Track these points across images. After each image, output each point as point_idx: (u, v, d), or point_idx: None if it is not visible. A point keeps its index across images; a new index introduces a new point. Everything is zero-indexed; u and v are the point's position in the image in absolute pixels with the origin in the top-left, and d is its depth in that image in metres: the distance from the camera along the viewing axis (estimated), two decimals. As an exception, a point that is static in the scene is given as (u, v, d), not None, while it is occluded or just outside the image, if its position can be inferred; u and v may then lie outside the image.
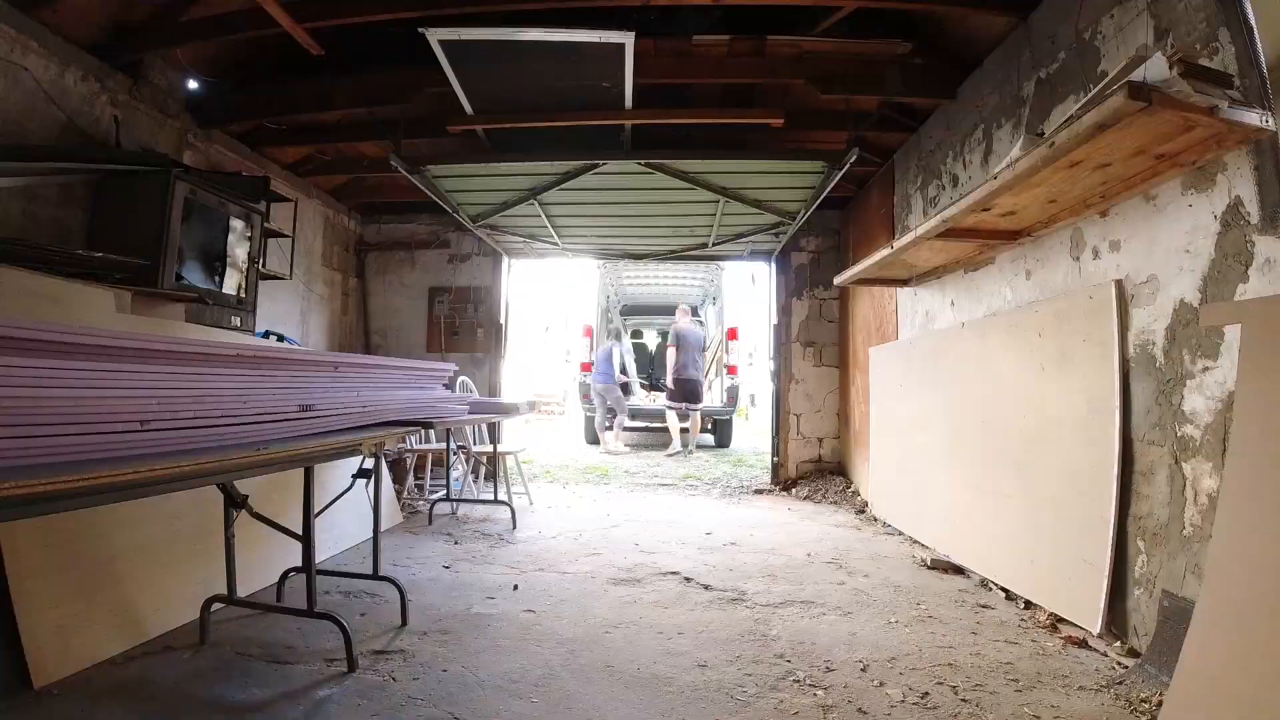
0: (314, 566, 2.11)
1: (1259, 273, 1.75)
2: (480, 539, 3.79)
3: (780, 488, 5.69)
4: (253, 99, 4.07)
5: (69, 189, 3.16)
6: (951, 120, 3.65)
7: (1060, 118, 2.41)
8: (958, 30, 3.32)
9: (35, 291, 2.38)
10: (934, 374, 3.66)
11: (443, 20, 2.99)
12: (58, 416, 1.28)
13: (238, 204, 3.74)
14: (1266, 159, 1.75)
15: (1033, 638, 2.33)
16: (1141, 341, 2.19)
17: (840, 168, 3.81)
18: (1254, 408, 1.50)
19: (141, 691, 1.83)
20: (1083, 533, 2.34)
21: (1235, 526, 1.48)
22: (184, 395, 1.61)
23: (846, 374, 5.67)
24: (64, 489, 1.16)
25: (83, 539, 2.07)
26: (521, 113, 3.86)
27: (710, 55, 3.58)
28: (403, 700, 1.84)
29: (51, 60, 3.04)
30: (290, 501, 2.53)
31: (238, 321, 3.79)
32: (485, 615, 2.54)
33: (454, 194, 4.63)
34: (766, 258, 6.09)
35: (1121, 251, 2.30)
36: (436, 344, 6.16)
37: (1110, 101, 1.66)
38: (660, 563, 3.31)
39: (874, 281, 4.28)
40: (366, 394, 2.47)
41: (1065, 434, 2.50)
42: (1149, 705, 1.79)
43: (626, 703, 1.86)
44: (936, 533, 3.50)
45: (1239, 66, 1.80)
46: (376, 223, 6.31)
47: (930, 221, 2.75)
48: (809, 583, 3.00)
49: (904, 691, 1.92)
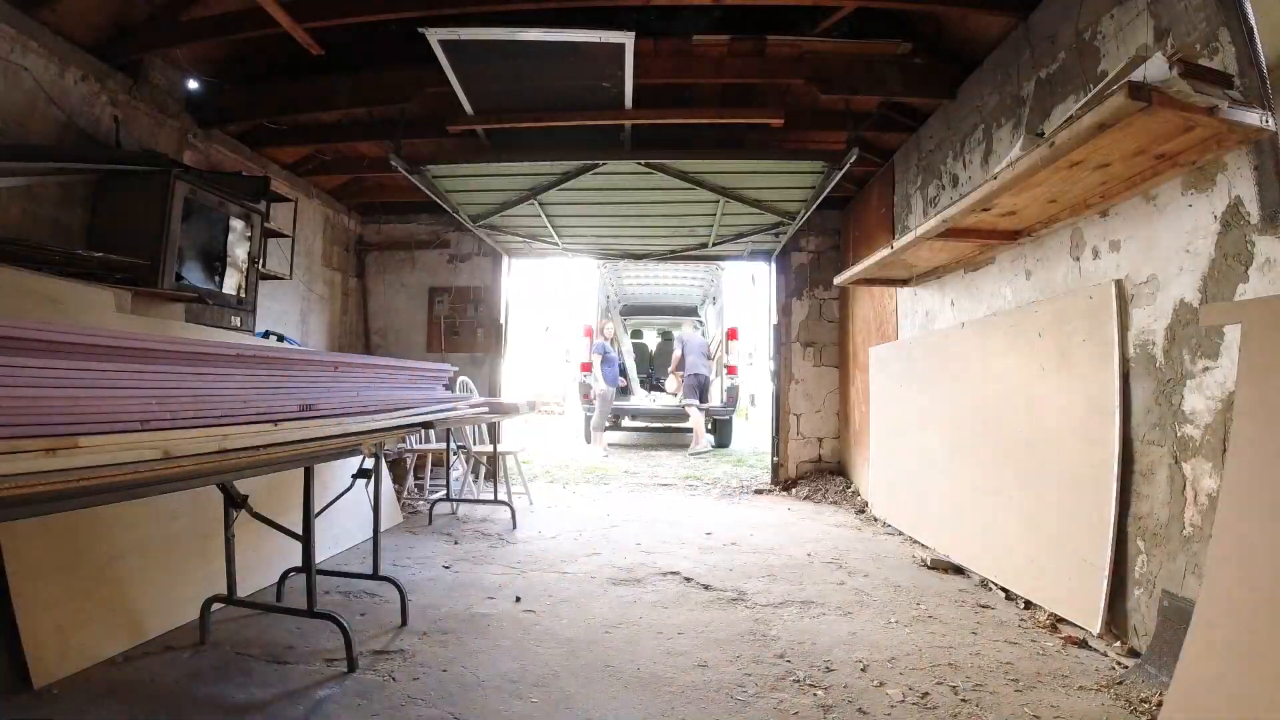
0: (314, 566, 2.11)
1: (1259, 273, 1.76)
2: (480, 539, 3.79)
3: (780, 488, 5.69)
4: (253, 99, 4.07)
5: (69, 189, 3.16)
6: (951, 120, 3.65)
7: (1060, 118, 2.41)
8: (958, 30, 3.33)
9: (35, 291, 2.38)
10: (934, 374, 3.66)
11: (442, 20, 2.99)
12: (58, 416, 1.28)
13: (238, 204, 3.74)
14: (1266, 159, 1.75)
15: (1033, 638, 2.33)
16: (1141, 341, 2.19)
17: (840, 168, 3.81)
18: (1254, 408, 1.50)
19: (141, 691, 1.83)
20: (1083, 533, 2.34)
21: (1235, 526, 1.48)
22: (184, 395, 1.61)
23: (846, 374, 5.67)
24: (64, 489, 1.16)
25: (83, 539, 2.07)
26: (521, 113, 3.86)
27: (710, 55, 3.58)
28: (403, 700, 1.84)
29: (51, 60, 3.04)
30: (290, 501, 2.53)
31: (238, 321, 3.79)
32: (485, 615, 2.54)
33: (454, 194, 4.62)
34: (766, 258, 6.09)
35: (1121, 251, 2.30)
36: (436, 344, 6.16)
37: (1110, 101, 1.66)
38: (660, 563, 3.31)
39: (874, 281, 4.28)
40: (366, 394, 2.47)
41: (1065, 434, 2.50)
42: (1149, 705, 1.79)
43: (626, 703, 1.86)
44: (936, 533, 3.50)
45: (1239, 66, 1.79)
46: (376, 223, 6.31)
47: (930, 221, 2.75)
48: (809, 583, 3.00)
49: (904, 691, 1.92)
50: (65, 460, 1.20)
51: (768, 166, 4.20)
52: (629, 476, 6.35)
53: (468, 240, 6.10)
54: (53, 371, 1.30)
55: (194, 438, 1.51)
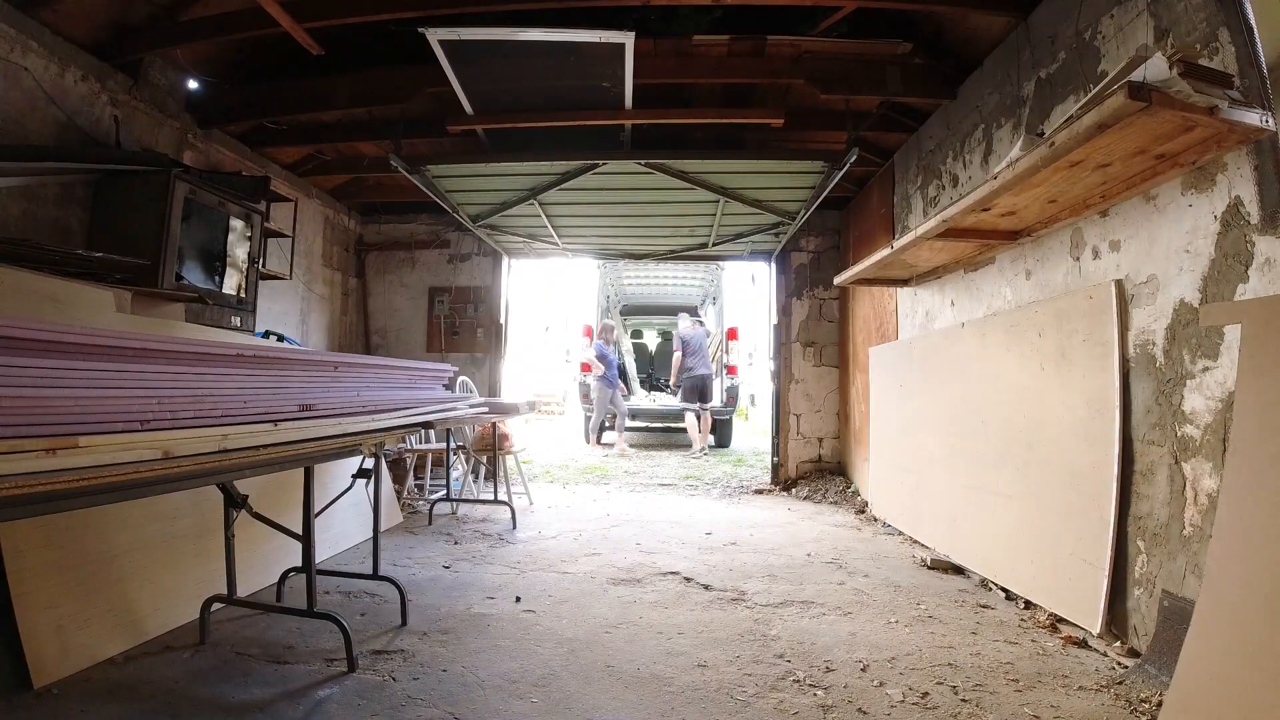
0: (314, 566, 2.11)
1: (1259, 273, 1.76)
2: (480, 539, 3.79)
3: (780, 488, 5.69)
4: (252, 99, 4.07)
5: (69, 189, 3.16)
6: (951, 120, 3.65)
7: (1060, 118, 2.41)
8: (958, 30, 3.33)
9: (35, 291, 2.38)
10: (934, 374, 3.66)
11: (442, 20, 2.99)
12: (58, 416, 1.28)
13: (238, 204, 3.74)
14: (1266, 159, 1.75)
15: (1033, 638, 2.33)
16: (1141, 341, 2.19)
17: (840, 168, 3.81)
18: (1254, 408, 1.50)
19: (141, 691, 1.83)
20: (1083, 533, 2.34)
21: (1235, 526, 1.48)
22: (184, 395, 1.61)
23: (846, 374, 5.67)
24: (64, 489, 1.16)
25: (82, 539, 2.07)
26: (521, 113, 3.86)
27: (710, 55, 3.58)
28: (403, 700, 1.84)
29: (51, 60, 3.04)
30: (290, 501, 2.53)
31: (238, 321, 3.79)
32: (485, 615, 2.54)
33: (454, 194, 4.62)
34: (766, 258, 6.09)
35: (1121, 251, 2.30)
36: (436, 344, 6.16)
37: (1110, 101, 1.66)
38: (660, 563, 3.31)
39: (874, 281, 4.28)
40: (367, 394, 2.47)
41: (1065, 434, 2.50)
42: (1149, 705, 1.79)
43: (626, 703, 1.86)
44: (936, 533, 3.50)
45: (1239, 66, 1.79)
46: (376, 223, 6.31)
47: (930, 221, 2.75)
48: (809, 583, 2.99)
49: (904, 691, 1.92)
50: (65, 460, 1.20)
51: (767, 166, 4.20)
52: (629, 476, 6.35)
53: (468, 240, 6.10)
54: (53, 371, 1.30)
55: (194, 438, 1.51)
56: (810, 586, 2.94)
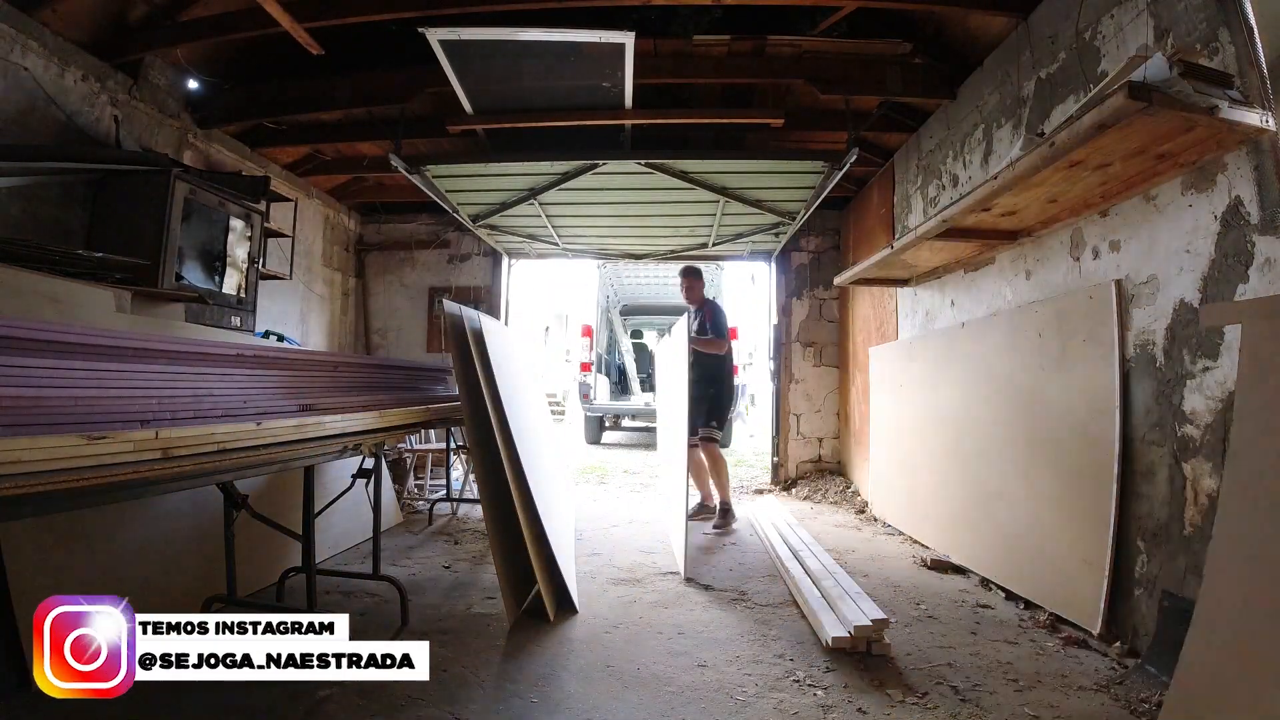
0: (314, 566, 2.11)
1: (1259, 273, 1.76)
2: (480, 539, 3.79)
3: (780, 488, 5.69)
4: (252, 99, 4.07)
5: (69, 189, 3.16)
6: (951, 120, 3.65)
7: (1060, 118, 2.41)
8: (958, 30, 3.33)
9: (35, 291, 2.38)
10: (934, 374, 3.65)
11: (442, 20, 2.99)
12: (58, 416, 1.28)
13: (238, 204, 3.74)
14: (1266, 159, 1.75)
15: (1032, 638, 2.33)
16: (1141, 341, 2.18)
17: (840, 168, 3.81)
18: (1254, 408, 1.50)
19: (141, 691, 1.83)
20: (1083, 533, 2.34)
21: (1235, 526, 1.48)
22: (184, 395, 1.61)
23: (846, 374, 5.67)
24: (64, 489, 1.16)
25: (83, 539, 2.07)
26: (521, 113, 3.86)
27: (710, 55, 3.58)
28: (403, 700, 1.84)
29: (51, 60, 3.04)
30: (290, 501, 2.53)
31: (238, 321, 3.79)
32: (485, 615, 2.54)
33: (454, 194, 4.62)
34: (766, 258, 6.09)
35: (1121, 251, 2.30)
36: (436, 344, 6.15)
37: (1110, 101, 1.66)
38: (660, 562, 3.31)
39: (874, 281, 4.28)
40: (366, 394, 2.47)
41: (1065, 434, 2.49)
42: (1149, 705, 1.79)
43: (626, 703, 1.86)
44: (936, 532, 3.50)
45: (1239, 66, 1.80)
46: (376, 223, 6.31)
47: (930, 221, 2.75)
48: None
49: (904, 691, 1.92)
50: (65, 460, 1.19)
51: (767, 166, 4.20)
52: (629, 476, 6.35)
53: (468, 240, 6.10)
54: (53, 371, 1.30)
55: (194, 438, 1.51)
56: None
